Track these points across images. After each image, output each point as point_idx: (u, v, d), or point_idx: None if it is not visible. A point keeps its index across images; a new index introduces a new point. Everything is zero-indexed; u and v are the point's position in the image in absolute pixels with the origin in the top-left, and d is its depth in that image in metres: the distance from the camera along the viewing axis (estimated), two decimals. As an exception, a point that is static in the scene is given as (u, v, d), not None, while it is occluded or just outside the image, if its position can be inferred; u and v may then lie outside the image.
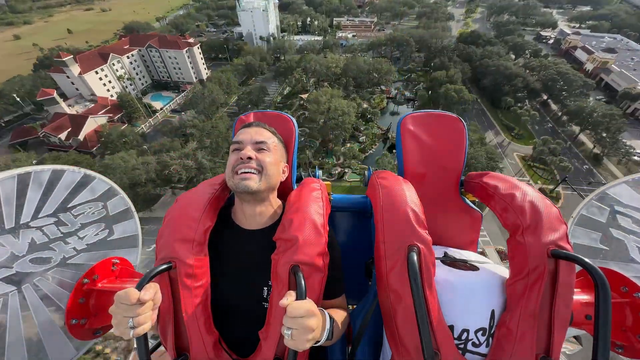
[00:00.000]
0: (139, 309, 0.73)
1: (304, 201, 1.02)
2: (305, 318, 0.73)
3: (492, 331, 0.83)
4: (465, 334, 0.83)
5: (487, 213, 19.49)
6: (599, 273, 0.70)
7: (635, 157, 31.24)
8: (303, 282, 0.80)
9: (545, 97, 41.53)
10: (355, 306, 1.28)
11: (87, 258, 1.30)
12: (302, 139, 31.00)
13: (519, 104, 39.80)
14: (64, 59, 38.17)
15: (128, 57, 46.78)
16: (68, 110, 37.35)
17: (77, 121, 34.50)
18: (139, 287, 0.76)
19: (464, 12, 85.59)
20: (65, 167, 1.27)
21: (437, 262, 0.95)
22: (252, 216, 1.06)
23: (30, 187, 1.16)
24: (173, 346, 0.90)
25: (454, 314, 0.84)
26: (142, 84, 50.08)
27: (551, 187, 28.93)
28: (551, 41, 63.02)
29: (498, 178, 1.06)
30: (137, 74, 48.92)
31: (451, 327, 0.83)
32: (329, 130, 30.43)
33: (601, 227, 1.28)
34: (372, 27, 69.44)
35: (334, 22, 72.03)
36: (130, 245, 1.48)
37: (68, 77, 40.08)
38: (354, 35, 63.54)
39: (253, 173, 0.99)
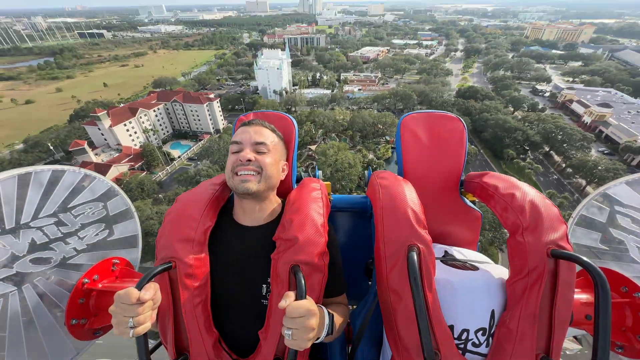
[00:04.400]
0: (139, 308, 0.72)
1: (303, 201, 1.03)
2: (305, 317, 0.72)
3: (492, 331, 0.83)
4: (465, 334, 0.83)
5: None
6: (599, 273, 0.69)
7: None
8: (303, 282, 0.80)
9: (547, 148, 42.66)
10: (355, 306, 1.26)
11: (87, 258, 1.29)
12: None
13: (521, 156, 40.87)
14: (98, 114, 42.53)
15: (154, 111, 51.57)
16: (94, 159, 40.53)
17: (101, 170, 36.97)
18: (139, 286, 0.76)
19: (461, 67, 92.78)
20: (65, 167, 1.27)
21: (437, 262, 0.96)
22: (252, 212, 1.07)
23: (31, 187, 1.15)
24: (173, 346, 0.91)
25: (454, 314, 0.84)
26: (164, 134, 54.22)
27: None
28: (547, 94, 66.18)
29: (498, 178, 1.06)
30: (160, 125, 53.29)
31: (451, 327, 0.83)
32: (336, 182, 31.72)
33: (601, 227, 1.27)
34: (377, 81, 75.49)
35: (342, 77, 78.85)
36: (130, 245, 1.47)
37: (99, 129, 44.19)
38: (359, 89, 68.69)
39: (252, 174, 0.99)
